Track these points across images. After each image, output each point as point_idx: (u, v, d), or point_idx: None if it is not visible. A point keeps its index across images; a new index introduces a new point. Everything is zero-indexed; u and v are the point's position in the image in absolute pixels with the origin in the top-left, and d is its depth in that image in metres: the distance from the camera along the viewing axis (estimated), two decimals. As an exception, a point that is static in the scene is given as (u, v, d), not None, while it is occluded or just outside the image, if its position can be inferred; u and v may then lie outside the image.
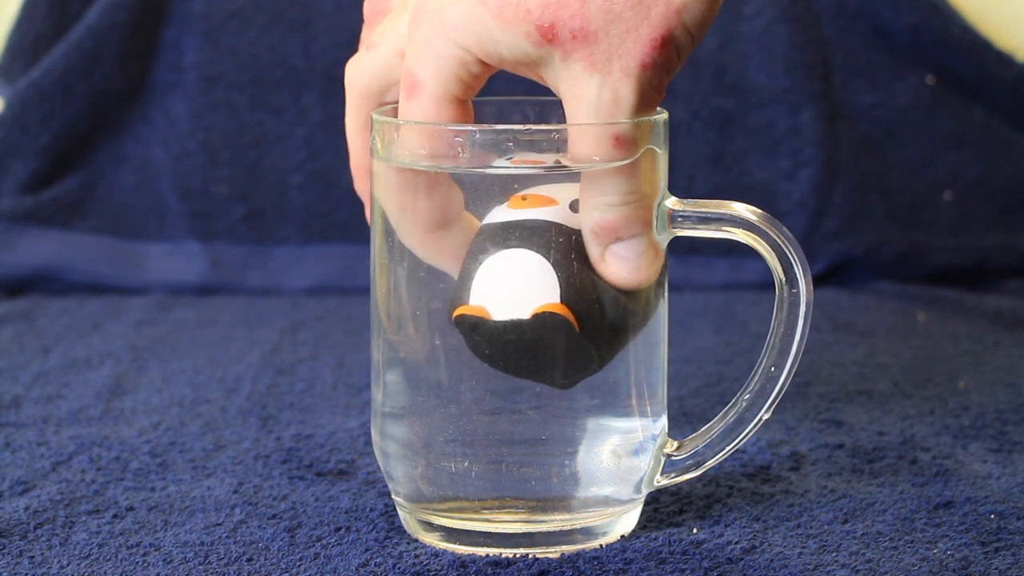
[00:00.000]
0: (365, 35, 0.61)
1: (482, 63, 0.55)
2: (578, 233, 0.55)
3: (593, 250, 0.56)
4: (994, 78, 1.08)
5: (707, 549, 0.58)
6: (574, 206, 0.56)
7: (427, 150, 0.55)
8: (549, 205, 0.56)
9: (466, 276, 0.55)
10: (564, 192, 0.56)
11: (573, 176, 0.56)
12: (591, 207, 0.55)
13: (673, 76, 0.55)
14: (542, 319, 0.55)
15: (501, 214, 0.56)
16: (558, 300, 0.55)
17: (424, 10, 0.55)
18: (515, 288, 0.55)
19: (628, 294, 0.56)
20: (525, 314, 0.55)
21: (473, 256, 0.55)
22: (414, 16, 0.55)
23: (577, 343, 0.55)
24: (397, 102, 0.57)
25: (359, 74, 0.59)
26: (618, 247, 0.56)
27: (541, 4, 0.53)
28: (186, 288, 1.03)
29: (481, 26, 0.54)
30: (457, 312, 0.55)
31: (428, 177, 0.56)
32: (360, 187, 0.61)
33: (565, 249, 0.55)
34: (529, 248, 0.55)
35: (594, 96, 0.54)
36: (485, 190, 0.56)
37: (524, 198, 0.56)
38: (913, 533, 0.59)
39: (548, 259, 0.55)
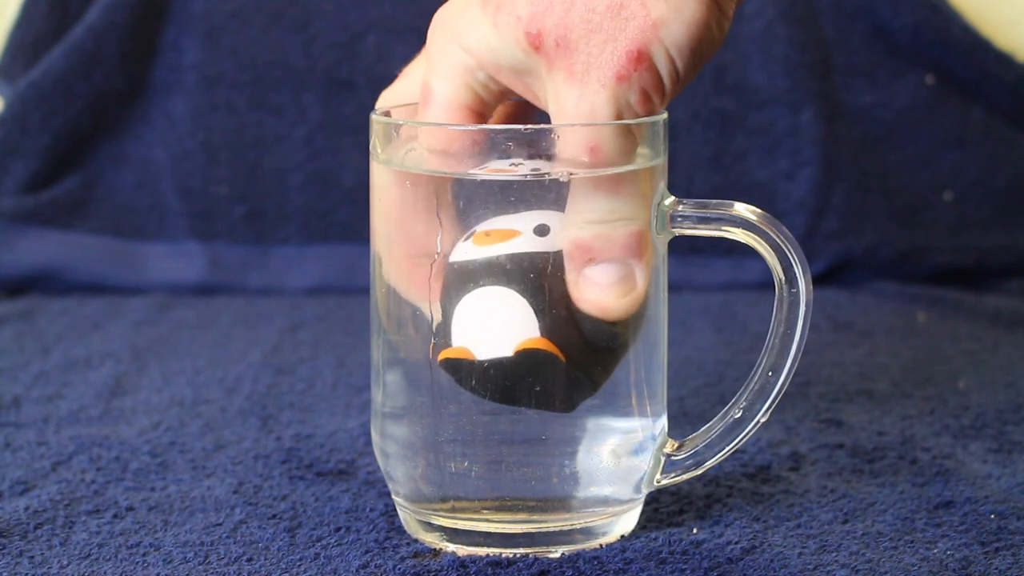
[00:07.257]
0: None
1: (488, 74, 0.55)
2: (551, 259, 0.54)
3: (568, 273, 0.55)
4: (994, 78, 1.08)
5: (707, 549, 0.58)
6: (538, 230, 0.55)
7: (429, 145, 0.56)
8: (513, 238, 0.55)
9: (445, 318, 0.55)
10: (525, 221, 0.55)
11: (539, 201, 0.55)
12: (570, 224, 0.54)
13: (660, 101, 0.54)
14: (525, 355, 0.54)
15: (468, 252, 0.55)
16: (538, 334, 0.54)
17: (439, 20, 0.56)
18: (495, 327, 0.54)
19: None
20: (508, 352, 0.54)
21: (448, 297, 0.55)
22: (431, 27, 0.56)
23: (565, 372, 0.55)
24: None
25: (388, 102, 0.59)
26: (592, 271, 0.54)
27: (530, 12, 0.53)
28: (186, 288, 1.02)
29: (482, 32, 0.54)
30: (441, 356, 0.55)
31: (423, 202, 0.56)
32: (410, 289, 0.57)
33: (538, 280, 0.54)
34: (503, 285, 0.54)
35: (572, 107, 0.54)
36: (483, 194, 0.56)
37: (487, 234, 0.55)
38: (913, 533, 0.59)
39: (523, 294, 0.54)
